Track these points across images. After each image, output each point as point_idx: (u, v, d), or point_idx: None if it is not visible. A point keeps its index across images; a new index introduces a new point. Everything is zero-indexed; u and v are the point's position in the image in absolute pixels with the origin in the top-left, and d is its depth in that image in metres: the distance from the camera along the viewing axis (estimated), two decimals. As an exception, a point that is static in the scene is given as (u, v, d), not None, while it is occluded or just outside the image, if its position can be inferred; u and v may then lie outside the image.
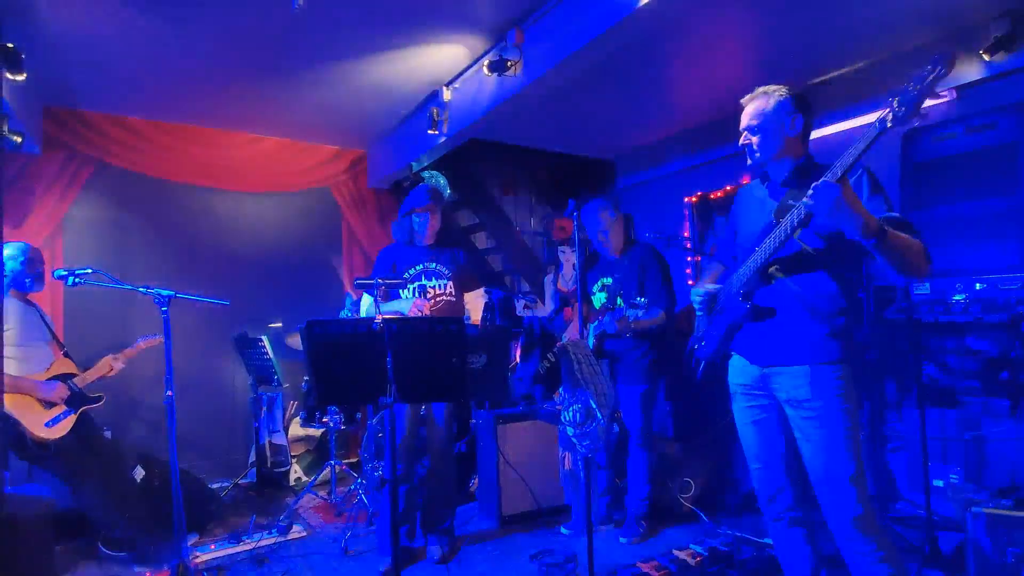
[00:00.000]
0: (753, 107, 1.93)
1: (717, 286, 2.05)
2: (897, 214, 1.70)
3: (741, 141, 1.97)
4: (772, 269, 1.87)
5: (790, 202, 1.78)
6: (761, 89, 1.93)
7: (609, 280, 3.25)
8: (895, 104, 1.51)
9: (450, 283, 3.06)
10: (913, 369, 2.94)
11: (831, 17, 3.25)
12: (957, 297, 3.16)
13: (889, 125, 1.52)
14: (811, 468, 1.84)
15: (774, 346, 1.88)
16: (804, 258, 1.82)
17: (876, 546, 1.75)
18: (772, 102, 1.88)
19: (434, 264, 3.07)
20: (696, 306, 2.11)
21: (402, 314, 2.89)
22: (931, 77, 1.48)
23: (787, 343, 1.85)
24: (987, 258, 3.14)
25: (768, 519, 2.07)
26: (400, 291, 3.03)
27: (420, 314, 2.87)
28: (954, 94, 3.61)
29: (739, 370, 2.05)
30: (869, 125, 1.56)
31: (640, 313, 2.73)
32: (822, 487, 1.81)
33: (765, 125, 1.88)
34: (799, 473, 1.97)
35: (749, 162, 1.97)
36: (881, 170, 2.30)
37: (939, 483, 3.23)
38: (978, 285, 3.11)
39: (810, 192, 1.59)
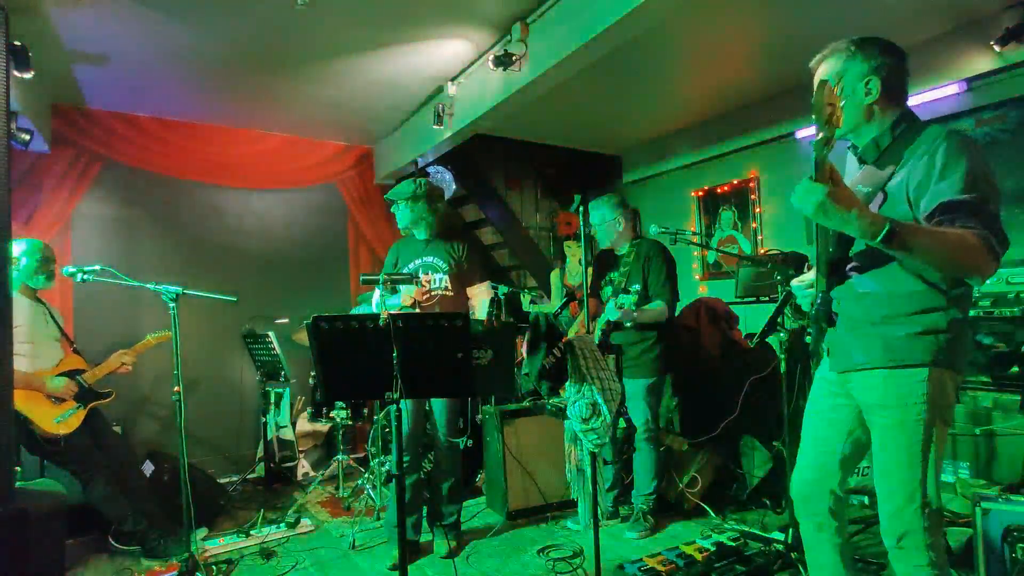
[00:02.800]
0: (821, 72, 1.64)
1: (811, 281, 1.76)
2: (967, 196, 1.41)
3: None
4: (847, 266, 1.65)
5: (859, 187, 1.54)
6: (831, 47, 1.63)
7: (616, 275, 3.25)
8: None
9: (447, 277, 3.05)
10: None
11: (839, 9, 3.22)
12: (966, 291, 3.14)
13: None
14: (875, 475, 1.67)
15: (849, 349, 1.67)
16: (877, 251, 1.52)
17: (927, 562, 1.57)
18: (839, 65, 1.60)
19: (431, 258, 3.07)
20: (800, 302, 1.85)
21: (398, 305, 2.89)
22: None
23: (861, 346, 1.63)
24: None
25: (799, 515, 1.90)
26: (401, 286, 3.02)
27: (411, 300, 2.86)
28: (965, 86, 3.57)
29: (826, 363, 1.81)
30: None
31: (633, 299, 2.70)
32: (882, 497, 1.65)
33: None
34: (845, 482, 1.80)
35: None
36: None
37: (948, 478, 3.22)
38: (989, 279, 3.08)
39: (795, 191, 1.38)
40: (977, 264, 1.40)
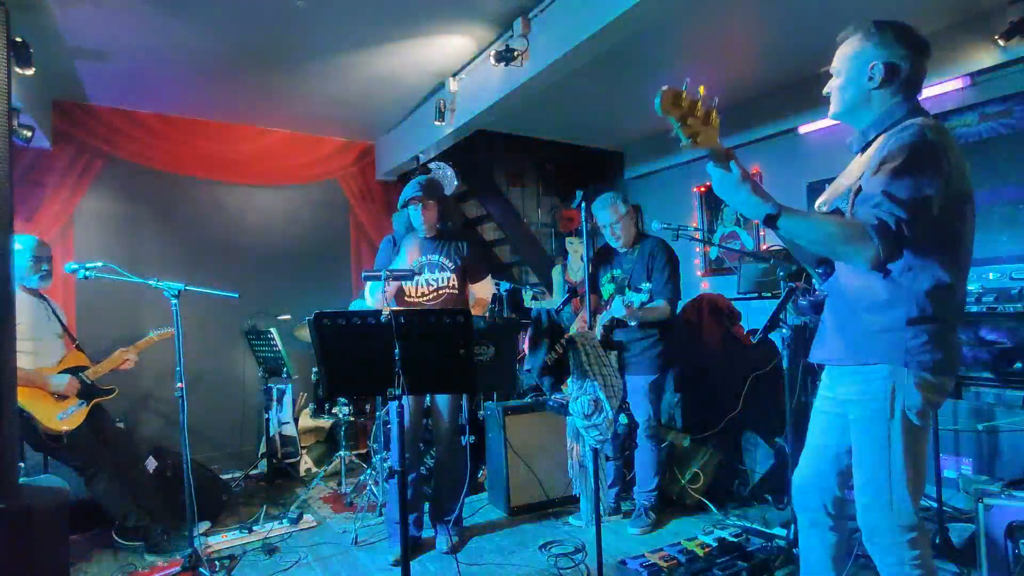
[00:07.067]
0: (841, 50, 1.62)
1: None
2: (904, 195, 1.39)
3: (825, 90, 1.67)
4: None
5: (842, 181, 1.53)
6: (856, 24, 1.64)
7: (618, 272, 3.25)
8: None
9: (453, 275, 3.05)
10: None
11: (841, 3, 3.20)
12: (970, 287, 3.12)
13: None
14: (853, 472, 1.66)
15: (824, 342, 1.70)
16: None
17: (896, 560, 1.56)
18: (855, 45, 1.59)
19: (437, 256, 3.07)
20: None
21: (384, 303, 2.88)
22: None
23: (834, 339, 1.66)
24: (1001, 247, 3.10)
25: (796, 508, 1.89)
26: (405, 283, 3.02)
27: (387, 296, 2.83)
28: (968, 81, 3.55)
29: None
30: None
31: (644, 297, 2.72)
32: (857, 492, 1.63)
33: (843, 72, 1.60)
34: (841, 480, 1.76)
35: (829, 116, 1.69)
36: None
37: (951, 474, 3.21)
38: (992, 275, 3.07)
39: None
40: (860, 247, 1.40)
